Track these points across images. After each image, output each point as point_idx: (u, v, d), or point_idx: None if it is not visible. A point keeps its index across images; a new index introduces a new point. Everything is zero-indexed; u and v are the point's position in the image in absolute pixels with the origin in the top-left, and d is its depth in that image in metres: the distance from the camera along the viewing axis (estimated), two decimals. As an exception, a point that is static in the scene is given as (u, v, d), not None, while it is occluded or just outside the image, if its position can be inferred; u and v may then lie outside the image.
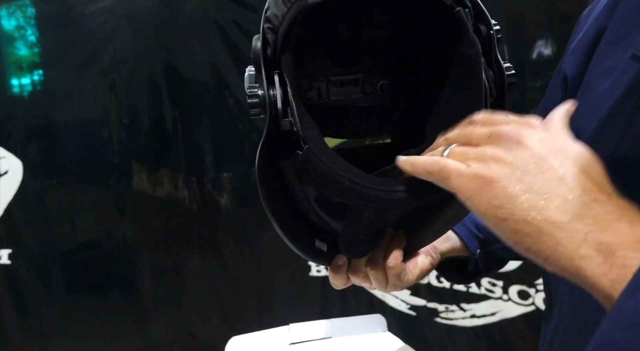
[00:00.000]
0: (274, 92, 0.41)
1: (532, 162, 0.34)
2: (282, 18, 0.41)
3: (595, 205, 0.32)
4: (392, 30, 0.51)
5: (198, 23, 1.63)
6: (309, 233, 0.51)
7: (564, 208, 0.32)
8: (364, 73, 0.54)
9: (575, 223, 0.31)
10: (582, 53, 0.49)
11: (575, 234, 0.31)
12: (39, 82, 1.69)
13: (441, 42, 0.48)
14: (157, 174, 1.74)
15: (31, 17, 1.66)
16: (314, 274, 1.69)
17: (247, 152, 1.70)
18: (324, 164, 0.41)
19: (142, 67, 1.67)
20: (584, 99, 0.47)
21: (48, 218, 1.75)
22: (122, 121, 1.71)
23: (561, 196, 0.32)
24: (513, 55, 1.37)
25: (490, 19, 0.46)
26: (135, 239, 1.77)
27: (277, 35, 0.42)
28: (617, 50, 0.45)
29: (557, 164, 0.34)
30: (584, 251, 0.31)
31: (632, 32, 0.43)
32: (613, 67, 0.44)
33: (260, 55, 0.42)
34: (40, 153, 1.73)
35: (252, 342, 0.58)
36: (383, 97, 0.55)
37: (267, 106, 0.41)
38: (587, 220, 0.31)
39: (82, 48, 1.66)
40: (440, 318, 1.56)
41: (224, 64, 1.65)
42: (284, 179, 0.46)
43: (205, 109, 1.69)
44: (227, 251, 1.75)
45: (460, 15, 0.44)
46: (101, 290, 1.79)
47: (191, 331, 1.79)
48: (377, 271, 0.52)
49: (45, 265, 1.77)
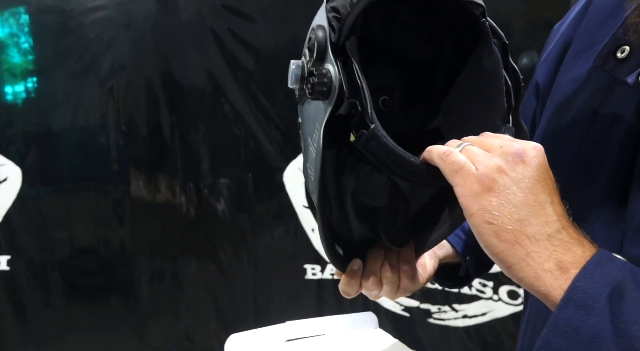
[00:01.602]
0: (342, 75, 0.43)
1: (527, 182, 0.38)
2: (352, 8, 0.45)
3: (563, 231, 0.37)
4: (418, 38, 0.53)
5: (194, 32, 1.66)
6: (330, 233, 0.52)
7: (541, 228, 0.37)
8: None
9: (546, 242, 0.37)
10: (552, 63, 0.53)
11: (545, 251, 0.37)
12: (33, 90, 1.71)
13: (459, 53, 0.51)
14: (154, 180, 1.76)
15: (25, 25, 1.69)
16: (309, 277, 1.72)
17: (244, 158, 1.73)
18: (390, 142, 0.43)
19: (140, 75, 1.70)
20: (552, 105, 0.51)
21: (46, 225, 1.77)
22: (119, 128, 1.73)
23: (542, 217, 0.37)
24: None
25: (502, 33, 0.49)
26: (133, 245, 1.79)
27: (343, 23, 0.45)
28: (581, 61, 0.49)
29: (546, 190, 0.39)
30: (547, 265, 0.36)
31: (593, 45, 0.47)
32: (577, 76, 0.48)
33: (327, 41, 0.44)
34: (38, 160, 1.74)
35: (250, 339, 0.61)
36: (384, 111, 0.57)
37: (334, 87, 0.43)
38: (555, 242, 0.37)
39: (81, 56, 1.68)
40: (433, 318, 1.59)
41: (220, 71, 1.68)
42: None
43: (202, 115, 1.72)
44: (224, 256, 1.77)
45: (485, 26, 0.47)
46: (99, 296, 1.80)
47: (189, 335, 1.81)
48: (393, 274, 0.54)
49: (43, 271, 1.78)
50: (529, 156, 0.39)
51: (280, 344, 0.61)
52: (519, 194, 0.38)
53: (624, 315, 0.33)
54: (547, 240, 0.37)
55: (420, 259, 0.60)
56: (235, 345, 0.59)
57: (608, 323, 0.33)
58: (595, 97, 0.47)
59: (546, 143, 0.51)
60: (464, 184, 0.39)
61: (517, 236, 0.37)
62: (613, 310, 0.33)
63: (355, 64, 0.44)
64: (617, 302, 0.33)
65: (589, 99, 0.47)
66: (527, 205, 0.38)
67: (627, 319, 0.32)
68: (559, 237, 0.37)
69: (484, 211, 0.38)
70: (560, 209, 0.39)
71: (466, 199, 0.39)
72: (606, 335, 0.32)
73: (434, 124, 0.54)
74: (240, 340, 0.60)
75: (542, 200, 0.38)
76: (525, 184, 0.38)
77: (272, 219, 1.74)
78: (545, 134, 0.52)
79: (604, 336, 0.32)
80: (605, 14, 0.50)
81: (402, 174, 0.44)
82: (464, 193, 0.39)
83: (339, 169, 0.48)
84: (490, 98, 0.48)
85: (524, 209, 0.37)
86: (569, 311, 0.34)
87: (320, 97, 0.44)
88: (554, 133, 0.50)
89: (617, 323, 0.32)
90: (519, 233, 0.37)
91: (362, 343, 0.63)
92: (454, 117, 0.53)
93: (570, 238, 0.37)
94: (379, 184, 0.49)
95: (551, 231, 0.37)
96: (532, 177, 0.39)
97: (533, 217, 0.37)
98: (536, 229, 0.37)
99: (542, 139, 0.53)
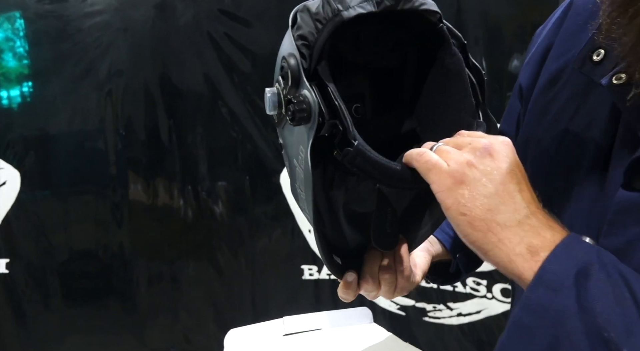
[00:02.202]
0: (319, 99, 0.46)
1: (495, 173, 0.41)
2: (319, 34, 0.47)
3: (532, 217, 0.40)
4: (383, 49, 0.57)
5: (192, 36, 1.68)
6: (327, 244, 0.55)
7: (511, 215, 0.40)
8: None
9: (517, 228, 0.39)
10: (534, 66, 0.56)
11: (515, 236, 0.39)
12: (31, 94, 1.72)
13: (424, 57, 0.54)
14: (152, 183, 1.77)
15: (20, 30, 1.70)
16: (306, 278, 1.73)
17: (241, 160, 1.74)
18: (374, 155, 0.46)
19: (138, 79, 1.71)
20: (534, 107, 0.53)
21: (45, 228, 1.77)
22: (118, 132, 1.75)
23: (511, 205, 0.40)
24: (492, 65, 1.44)
25: (460, 34, 0.52)
26: (132, 248, 1.79)
27: (312, 50, 0.48)
28: (561, 64, 0.51)
29: (514, 180, 0.41)
30: (518, 249, 0.39)
31: (572, 49, 0.50)
32: (557, 79, 0.51)
33: (300, 68, 0.47)
34: (37, 164, 1.75)
35: (249, 334, 0.63)
36: (358, 118, 0.59)
37: (314, 112, 0.46)
38: (525, 227, 0.40)
39: (79, 61, 1.70)
40: (429, 317, 1.61)
41: (217, 75, 1.70)
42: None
43: (200, 119, 1.73)
44: (222, 258, 1.78)
45: (444, 31, 0.51)
46: (98, 298, 1.81)
47: (187, 336, 1.82)
48: (390, 275, 0.57)
49: (42, 274, 1.79)
50: (496, 150, 0.42)
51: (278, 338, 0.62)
52: (489, 185, 0.41)
53: (589, 293, 0.35)
54: (517, 226, 0.39)
55: (415, 258, 0.62)
56: (234, 339, 0.61)
57: (574, 301, 0.35)
58: (574, 98, 0.50)
59: (530, 142, 0.54)
60: (437, 181, 0.42)
61: (489, 225, 0.40)
62: (579, 289, 0.35)
63: (330, 87, 0.47)
64: (583, 282, 0.35)
65: (568, 99, 0.50)
66: (497, 195, 0.40)
67: (591, 297, 0.35)
68: (528, 222, 0.40)
69: (457, 204, 0.41)
70: (529, 196, 0.41)
71: (441, 194, 0.42)
72: (571, 312, 0.35)
73: (408, 127, 0.57)
74: (240, 334, 0.62)
75: (511, 189, 0.41)
76: (494, 175, 0.41)
77: (269, 221, 1.76)
78: (529, 133, 0.55)
79: (569, 312, 0.35)
80: (583, 19, 0.52)
81: (390, 182, 0.47)
82: (438, 189, 0.42)
83: (328, 186, 0.51)
84: (458, 97, 0.52)
85: (494, 199, 0.40)
86: (539, 291, 0.36)
87: (302, 123, 0.47)
88: (537, 132, 0.53)
89: (582, 301, 0.35)
90: (491, 221, 0.40)
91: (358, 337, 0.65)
92: (426, 118, 0.56)
93: (539, 222, 0.40)
94: (366, 191, 0.52)
95: (520, 217, 0.40)
96: (500, 168, 0.41)
97: (503, 205, 0.40)
98: (506, 217, 0.40)
99: (525, 139, 0.55)
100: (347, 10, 0.47)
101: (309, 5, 0.49)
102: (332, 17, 0.47)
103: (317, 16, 0.47)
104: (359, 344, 0.64)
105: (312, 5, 0.48)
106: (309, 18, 0.48)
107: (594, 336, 0.34)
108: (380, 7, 0.48)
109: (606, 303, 0.35)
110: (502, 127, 0.66)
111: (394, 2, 0.48)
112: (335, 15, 0.47)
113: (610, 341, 0.33)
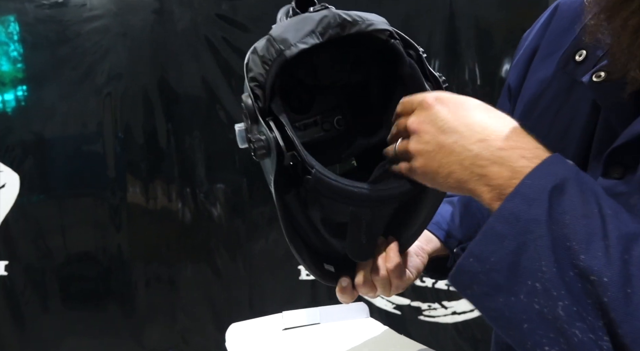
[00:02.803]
0: (274, 134, 0.50)
1: (447, 120, 0.43)
2: (267, 74, 0.51)
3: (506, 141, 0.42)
4: (343, 69, 0.60)
5: (190, 40, 1.70)
6: (316, 257, 0.58)
7: (486, 151, 0.41)
8: (320, 114, 0.63)
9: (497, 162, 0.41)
10: (522, 67, 0.59)
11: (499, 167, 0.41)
12: (31, 98, 1.73)
13: (383, 72, 0.58)
14: (151, 186, 1.78)
15: (14, 33, 1.71)
16: (303, 278, 1.75)
17: (239, 163, 1.76)
18: (333, 180, 0.50)
19: (136, 83, 1.73)
20: (522, 104, 0.56)
21: (44, 231, 1.78)
22: (117, 135, 1.76)
23: (480, 143, 0.42)
24: (483, 69, 1.47)
25: (417, 45, 0.56)
26: (130, 251, 1.80)
27: (264, 89, 0.51)
28: (547, 65, 0.55)
29: (469, 113, 0.44)
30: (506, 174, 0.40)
31: (557, 51, 0.54)
32: (544, 78, 0.55)
33: (255, 108, 0.51)
34: (36, 167, 1.76)
35: (250, 328, 0.65)
36: (341, 129, 0.64)
37: (272, 147, 0.50)
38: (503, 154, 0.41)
39: (78, 65, 1.71)
40: (424, 315, 1.63)
41: (214, 78, 1.72)
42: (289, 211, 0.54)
43: (198, 122, 1.75)
44: (220, 260, 1.80)
45: (395, 45, 0.55)
46: (97, 301, 1.82)
47: (185, 337, 1.83)
48: (383, 277, 0.59)
49: (41, 277, 1.79)
50: (429, 103, 0.45)
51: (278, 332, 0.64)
52: (441, 152, 0.43)
53: (560, 206, 0.37)
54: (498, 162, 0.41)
55: (409, 258, 0.64)
56: (235, 333, 0.63)
57: (545, 211, 0.37)
58: (559, 96, 0.53)
59: None
60: (418, 180, 0.46)
61: (474, 170, 0.42)
62: (551, 201, 0.37)
63: (283, 121, 0.51)
64: (557, 195, 0.38)
65: (553, 97, 0.54)
66: (450, 157, 0.43)
67: (562, 209, 0.37)
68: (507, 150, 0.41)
69: (439, 181, 0.44)
70: (493, 121, 0.43)
71: (438, 183, 0.45)
72: (541, 221, 0.37)
73: (383, 136, 0.60)
74: (241, 328, 0.64)
75: (475, 123, 0.43)
76: (447, 123, 0.43)
77: (266, 222, 1.77)
78: None
79: (539, 222, 0.37)
80: (567, 22, 0.56)
81: (352, 203, 0.51)
82: (432, 184, 0.45)
83: (304, 206, 0.54)
84: None
85: (471, 147, 0.42)
86: (515, 201, 0.38)
87: (264, 158, 0.51)
88: (525, 127, 0.55)
89: (552, 212, 0.37)
90: (475, 166, 0.42)
91: (355, 331, 0.67)
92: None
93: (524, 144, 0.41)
94: (341, 206, 0.54)
95: (494, 149, 0.41)
96: (449, 112, 0.44)
97: (475, 145, 0.42)
98: (483, 154, 0.41)
99: None
100: (290, 48, 0.50)
101: (257, 47, 0.52)
102: (276, 57, 0.50)
103: (263, 58, 0.51)
104: (356, 337, 0.66)
105: (259, 47, 0.52)
106: (257, 60, 0.52)
107: (558, 244, 0.36)
108: (325, 38, 0.51)
109: (574, 216, 0.37)
110: None
111: (338, 29, 0.51)
112: (279, 55, 0.50)
113: (571, 249, 0.36)
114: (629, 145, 0.43)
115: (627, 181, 0.44)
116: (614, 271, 0.34)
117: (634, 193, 0.43)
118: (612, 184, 0.45)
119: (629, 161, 0.44)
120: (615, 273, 0.34)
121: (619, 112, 0.46)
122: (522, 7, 1.45)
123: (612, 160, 0.45)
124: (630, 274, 0.34)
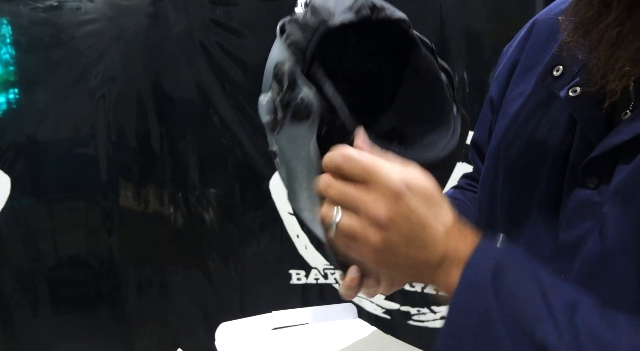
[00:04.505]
0: (325, 92, 0.51)
1: (394, 240, 0.43)
2: (310, 40, 0.52)
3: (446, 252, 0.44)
4: (362, 56, 0.61)
5: (184, 45, 1.71)
6: None
7: (430, 261, 0.43)
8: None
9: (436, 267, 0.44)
10: (503, 80, 0.62)
11: (439, 272, 0.44)
12: (23, 100, 1.73)
13: (398, 62, 0.59)
14: (143, 190, 1.78)
15: (7, 36, 1.71)
16: (294, 282, 1.75)
17: (232, 168, 1.76)
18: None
19: (130, 87, 1.73)
20: (503, 117, 0.59)
21: (35, 234, 1.77)
22: (109, 139, 1.76)
23: (424, 254, 0.43)
24: (473, 76, 1.50)
25: (426, 39, 0.58)
26: (122, 255, 1.79)
27: (304, 54, 0.52)
28: (526, 79, 0.58)
29: (414, 228, 0.43)
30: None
31: (536, 66, 0.57)
32: (523, 92, 0.57)
33: (296, 70, 0.51)
34: (27, 170, 1.75)
35: (239, 327, 0.65)
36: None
37: (315, 107, 0.50)
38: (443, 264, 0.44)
39: (72, 67, 1.71)
40: (413, 320, 1.64)
41: (208, 83, 1.72)
42: None
43: (191, 126, 1.75)
44: (212, 264, 1.80)
45: (414, 36, 0.56)
46: (88, 305, 1.80)
47: (177, 342, 1.82)
48: None
49: (31, 280, 1.78)
50: (400, 191, 0.42)
51: (267, 332, 0.65)
52: (397, 256, 0.44)
53: (504, 290, 0.40)
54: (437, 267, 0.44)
55: None
56: (225, 333, 0.63)
57: (492, 299, 0.40)
58: (538, 109, 0.56)
59: (501, 147, 0.59)
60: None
61: (420, 273, 0.45)
62: (495, 288, 0.40)
63: (328, 85, 0.51)
64: (498, 281, 0.40)
65: (532, 110, 0.56)
66: (409, 257, 0.44)
67: (507, 293, 0.40)
68: (446, 262, 0.43)
69: (395, 273, 0.48)
70: (437, 231, 0.43)
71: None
72: (490, 309, 0.40)
73: (388, 125, 0.62)
74: (230, 328, 0.64)
75: (431, 226, 0.43)
76: (404, 233, 0.43)
77: (259, 227, 1.78)
78: (500, 139, 0.60)
79: (489, 311, 0.40)
80: (544, 37, 0.59)
81: None
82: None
83: None
84: (435, 91, 0.57)
85: (413, 263, 0.44)
86: (463, 295, 0.41)
87: (303, 120, 0.51)
88: (507, 138, 0.58)
89: (499, 298, 0.40)
90: (419, 273, 0.45)
91: (344, 331, 0.67)
92: (408, 114, 0.61)
93: (452, 259, 0.43)
94: None
95: (438, 258, 0.43)
96: (395, 233, 0.42)
97: (418, 256, 0.43)
98: (428, 263, 0.43)
99: (497, 144, 0.61)
100: (332, 18, 0.51)
101: (296, 16, 0.53)
102: (319, 25, 0.51)
103: (305, 26, 0.52)
104: (344, 337, 0.67)
105: (299, 16, 0.53)
106: (297, 28, 0.52)
107: (512, 326, 0.39)
108: (358, 16, 0.52)
109: (519, 298, 0.39)
110: (475, 135, 0.71)
111: (369, 11, 0.53)
112: (322, 24, 0.51)
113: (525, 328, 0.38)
114: (603, 157, 0.46)
115: (601, 191, 0.46)
116: (566, 343, 0.37)
117: (607, 201, 0.45)
118: (587, 194, 0.47)
119: (604, 171, 0.46)
120: (567, 344, 0.37)
121: (593, 125, 0.48)
122: (511, 17, 1.48)
123: (588, 171, 0.47)
124: (580, 344, 0.37)
